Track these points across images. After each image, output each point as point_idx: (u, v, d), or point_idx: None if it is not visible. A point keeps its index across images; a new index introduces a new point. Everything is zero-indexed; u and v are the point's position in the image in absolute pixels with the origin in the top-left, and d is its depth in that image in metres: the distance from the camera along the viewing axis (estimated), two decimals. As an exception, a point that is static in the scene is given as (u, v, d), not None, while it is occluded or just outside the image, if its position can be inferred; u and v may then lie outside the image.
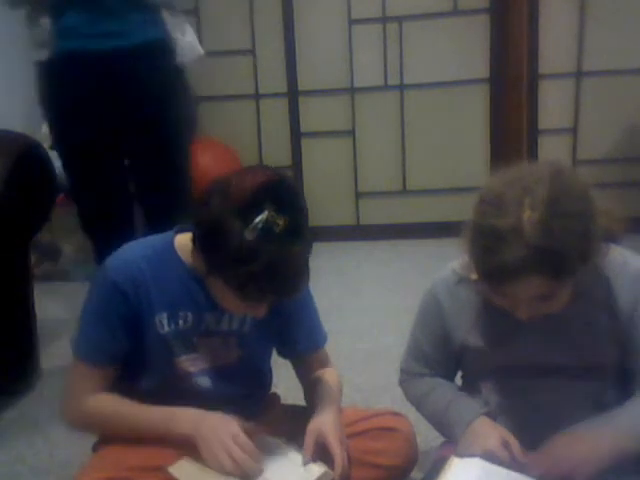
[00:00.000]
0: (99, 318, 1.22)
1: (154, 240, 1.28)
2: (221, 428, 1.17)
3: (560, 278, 1.04)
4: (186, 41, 2.08)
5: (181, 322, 1.24)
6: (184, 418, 1.20)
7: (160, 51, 2.02)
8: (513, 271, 1.02)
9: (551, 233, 1.00)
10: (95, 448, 1.30)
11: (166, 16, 2.04)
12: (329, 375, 1.38)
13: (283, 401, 1.47)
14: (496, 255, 1.02)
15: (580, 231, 1.03)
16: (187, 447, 1.18)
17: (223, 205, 1.09)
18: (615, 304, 1.17)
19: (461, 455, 1.18)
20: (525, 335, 1.19)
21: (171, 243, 1.26)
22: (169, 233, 1.28)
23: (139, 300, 1.21)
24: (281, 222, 1.07)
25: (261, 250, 1.06)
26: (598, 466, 1.09)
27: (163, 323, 1.23)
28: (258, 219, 1.06)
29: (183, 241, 1.24)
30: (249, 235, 1.06)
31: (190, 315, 1.24)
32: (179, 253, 1.24)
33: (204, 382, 1.28)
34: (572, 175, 1.10)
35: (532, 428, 1.17)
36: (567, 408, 1.18)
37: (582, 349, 1.18)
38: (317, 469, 1.18)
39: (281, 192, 1.12)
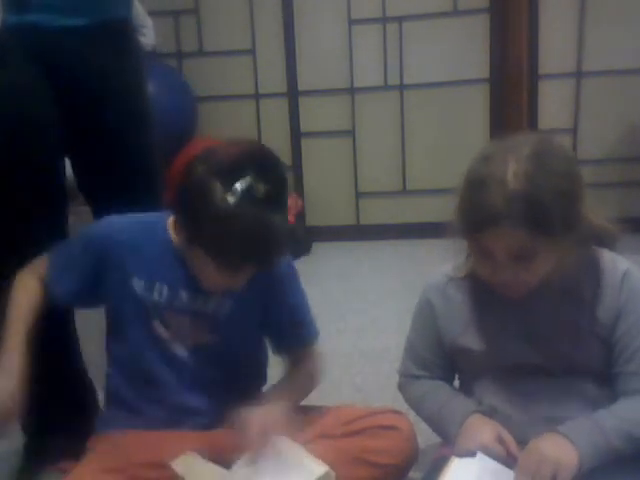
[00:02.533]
0: (76, 253, 1.30)
1: (147, 215, 1.33)
2: None
3: (539, 233, 1.05)
4: (149, 26, 1.85)
5: (156, 294, 1.26)
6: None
7: (128, 34, 1.67)
8: (493, 217, 1.04)
9: (534, 183, 1.04)
10: (90, 442, 1.31)
11: None
12: (302, 370, 1.39)
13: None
14: (479, 201, 1.06)
15: (563, 189, 1.06)
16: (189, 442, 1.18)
17: (206, 170, 1.12)
18: (601, 307, 1.17)
19: (458, 454, 1.18)
20: (511, 335, 1.20)
21: (163, 220, 1.28)
22: (164, 212, 1.30)
23: (118, 257, 1.26)
24: (262, 188, 1.09)
25: (241, 214, 1.08)
26: (580, 467, 1.08)
27: (138, 286, 1.26)
28: (240, 183, 1.08)
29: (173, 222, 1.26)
30: (230, 198, 1.08)
31: (166, 289, 1.26)
32: (170, 231, 1.26)
33: (180, 351, 1.28)
34: (557, 142, 1.15)
35: (524, 428, 1.17)
36: (558, 407, 1.18)
37: (567, 350, 1.18)
38: (318, 469, 1.17)
39: (264, 160, 1.14)
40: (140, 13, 1.70)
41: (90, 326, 1.60)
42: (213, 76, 3.78)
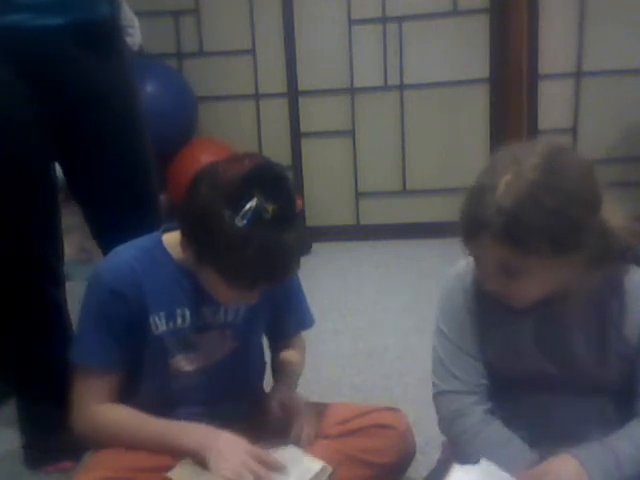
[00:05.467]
0: (100, 324, 1.22)
1: (142, 241, 1.28)
2: (238, 444, 1.17)
3: (520, 252, 1.00)
4: (135, 26, 1.77)
5: (179, 320, 1.24)
6: (195, 432, 1.19)
7: (112, 34, 1.65)
8: (478, 227, 1.01)
9: (522, 201, 0.98)
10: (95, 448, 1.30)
11: None
12: (294, 356, 1.42)
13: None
14: (470, 208, 1.03)
15: (556, 212, 0.99)
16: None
17: (212, 193, 1.10)
18: (628, 326, 1.12)
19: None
20: (529, 348, 1.16)
21: (159, 241, 1.26)
22: (156, 233, 1.29)
23: (137, 301, 1.21)
24: (270, 208, 1.08)
25: (252, 236, 1.07)
26: None
27: (158, 323, 1.23)
28: (248, 206, 1.07)
29: (171, 238, 1.25)
30: (239, 222, 1.07)
31: (187, 312, 1.24)
32: (169, 250, 1.25)
33: (196, 381, 1.28)
34: (571, 158, 1.06)
35: (537, 443, 1.14)
36: (572, 424, 1.15)
37: (588, 366, 1.14)
38: (316, 465, 1.18)
39: (269, 179, 1.13)
40: (126, 13, 1.71)
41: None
42: (213, 76, 3.78)
